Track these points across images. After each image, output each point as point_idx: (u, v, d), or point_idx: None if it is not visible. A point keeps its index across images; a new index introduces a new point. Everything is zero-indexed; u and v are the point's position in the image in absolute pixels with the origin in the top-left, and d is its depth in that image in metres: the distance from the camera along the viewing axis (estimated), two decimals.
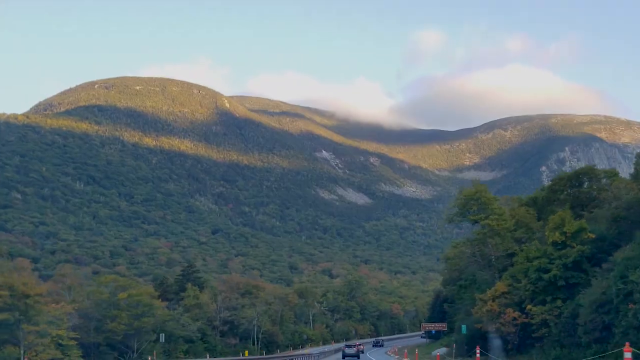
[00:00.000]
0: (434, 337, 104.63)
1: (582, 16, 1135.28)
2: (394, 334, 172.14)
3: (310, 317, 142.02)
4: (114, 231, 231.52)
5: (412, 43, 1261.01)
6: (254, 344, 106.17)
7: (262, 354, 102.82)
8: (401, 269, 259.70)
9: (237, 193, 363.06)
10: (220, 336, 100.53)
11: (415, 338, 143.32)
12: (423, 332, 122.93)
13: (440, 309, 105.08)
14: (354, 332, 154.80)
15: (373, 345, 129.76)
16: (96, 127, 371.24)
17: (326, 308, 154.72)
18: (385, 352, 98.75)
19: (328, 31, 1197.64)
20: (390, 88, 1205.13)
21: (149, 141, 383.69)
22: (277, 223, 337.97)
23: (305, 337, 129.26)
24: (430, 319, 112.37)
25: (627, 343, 26.56)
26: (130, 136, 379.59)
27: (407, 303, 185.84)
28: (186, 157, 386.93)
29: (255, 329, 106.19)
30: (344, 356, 78.65)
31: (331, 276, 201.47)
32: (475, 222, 65.56)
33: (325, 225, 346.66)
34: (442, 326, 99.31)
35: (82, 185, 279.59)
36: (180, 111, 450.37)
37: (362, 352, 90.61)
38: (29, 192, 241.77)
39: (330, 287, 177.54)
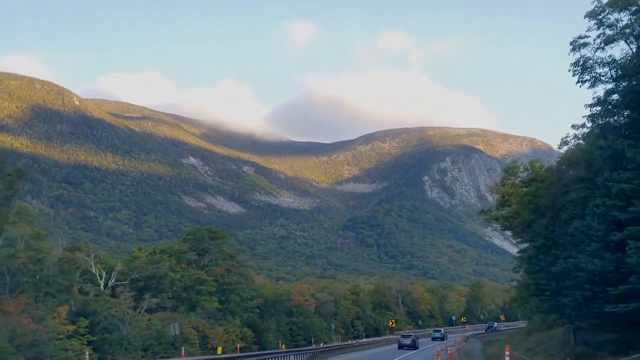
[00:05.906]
0: None
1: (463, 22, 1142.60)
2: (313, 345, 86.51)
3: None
4: None
5: (280, 37, 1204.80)
6: None
7: None
8: (284, 275, 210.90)
9: (81, 196, 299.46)
10: None
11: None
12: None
13: None
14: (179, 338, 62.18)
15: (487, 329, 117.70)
16: None
17: (113, 279, 66.86)
18: None
19: (188, 28, 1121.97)
20: (260, 94, 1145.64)
21: None
22: (130, 230, 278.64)
23: None
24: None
25: None
26: None
27: (317, 291, 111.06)
28: (20, 156, 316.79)
29: None
30: (399, 346, 73.09)
31: None
32: None
33: None
34: None
35: None
36: (18, 107, 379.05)
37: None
38: None
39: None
